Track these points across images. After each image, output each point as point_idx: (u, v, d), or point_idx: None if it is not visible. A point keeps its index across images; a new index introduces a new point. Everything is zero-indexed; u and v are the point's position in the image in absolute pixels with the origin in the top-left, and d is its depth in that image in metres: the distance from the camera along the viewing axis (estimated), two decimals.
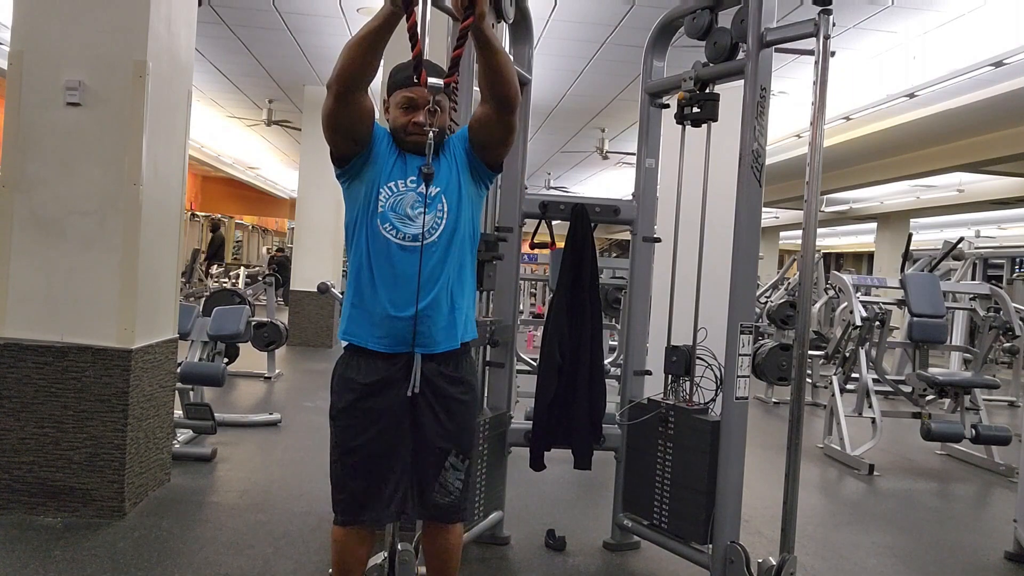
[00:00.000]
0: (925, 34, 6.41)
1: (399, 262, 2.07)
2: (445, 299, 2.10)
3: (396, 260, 2.07)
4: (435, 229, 2.09)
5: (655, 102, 3.42)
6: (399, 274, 2.06)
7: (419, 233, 2.06)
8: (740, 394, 2.85)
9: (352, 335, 2.13)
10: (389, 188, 2.09)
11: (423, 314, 2.06)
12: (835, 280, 7.16)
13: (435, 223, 2.09)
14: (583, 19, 6.52)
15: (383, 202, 2.08)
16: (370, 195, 2.09)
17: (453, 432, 2.16)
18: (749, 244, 2.84)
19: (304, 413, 5.86)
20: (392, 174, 2.10)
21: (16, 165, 3.32)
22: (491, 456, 3.18)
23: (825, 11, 2.58)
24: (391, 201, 2.08)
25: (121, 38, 3.32)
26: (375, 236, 2.08)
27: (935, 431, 5.09)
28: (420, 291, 2.04)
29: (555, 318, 3.25)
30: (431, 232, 2.08)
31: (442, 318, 2.10)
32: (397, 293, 2.06)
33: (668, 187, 3.42)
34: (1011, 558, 3.59)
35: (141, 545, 3.09)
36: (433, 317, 2.08)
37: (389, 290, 2.07)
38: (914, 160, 10.60)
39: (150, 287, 3.52)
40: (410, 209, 2.08)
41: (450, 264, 2.11)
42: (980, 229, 16.64)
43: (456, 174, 2.14)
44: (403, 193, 2.09)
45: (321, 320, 9.61)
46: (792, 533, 2.69)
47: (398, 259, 2.07)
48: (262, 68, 8.87)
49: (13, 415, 3.30)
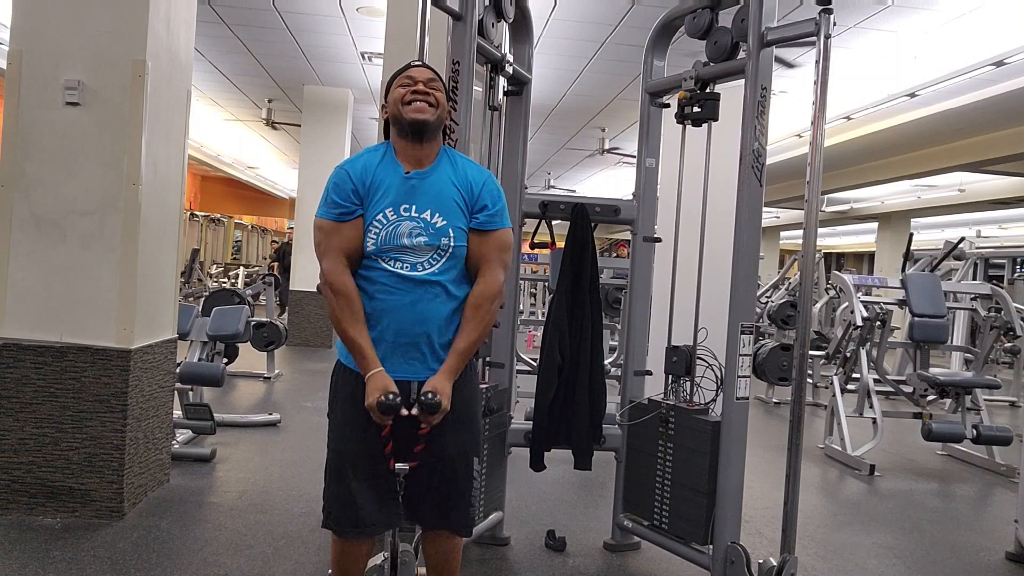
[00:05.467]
0: (925, 34, 6.40)
1: (398, 292, 2.02)
2: (446, 325, 2.05)
3: (395, 290, 2.02)
4: (437, 259, 2.03)
5: (655, 102, 3.41)
6: (398, 304, 2.02)
7: (417, 263, 2.02)
8: (741, 394, 2.85)
9: (351, 361, 2.09)
10: (379, 222, 2.02)
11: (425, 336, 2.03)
12: (836, 280, 7.15)
13: (437, 254, 2.03)
14: (583, 19, 6.51)
15: (372, 238, 2.02)
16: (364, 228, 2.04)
17: (467, 439, 2.15)
18: (749, 244, 2.83)
19: (303, 413, 5.85)
20: (380, 203, 2.03)
21: (15, 165, 3.32)
22: (491, 456, 3.18)
23: (826, 11, 2.57)
24: (382, 234, 2.02)
25: (120, 38, 3.32)
26: (372, 267, 2.04)
27: (936, 431, 5.08)
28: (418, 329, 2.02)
29: (555, 318, 3.24)
30: (433, 261, 2.03)
31: (442, 344, 2.06)
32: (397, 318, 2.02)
33: (668, 187, 3.42)
34: (1012, 558, 3.58)
35: (140, 545, 3.09)
36: (433, 341, 2.04)
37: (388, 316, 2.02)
38: (915, 160, 10.60)
39: (149, 287, 3.51)
40: (406, 240, 2.01)
41: (450, 284, 2.05)
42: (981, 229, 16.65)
43: (458, 196, 2.07)
44: (395, 223, 2.02)
45: (321, 320, 9.60)
46: (793, 533, 2.68)
47: (396, 289, 2.02)
48: (262, 68, 8.87)
49: (12, 415, 3.30)
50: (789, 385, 2.86)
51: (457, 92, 2.76)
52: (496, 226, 2.11)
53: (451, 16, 2.77)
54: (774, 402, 7.39)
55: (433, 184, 2.06)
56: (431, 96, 2.05)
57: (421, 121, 2.03)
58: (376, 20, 6.60)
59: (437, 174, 2.08)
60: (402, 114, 2.05)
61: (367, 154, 2.13)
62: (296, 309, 9.78)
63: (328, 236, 2.05)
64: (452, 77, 2.76)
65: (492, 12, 3.00)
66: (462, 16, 2.77)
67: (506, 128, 3.32)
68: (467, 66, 2.78)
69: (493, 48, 3.00)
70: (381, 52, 6.24)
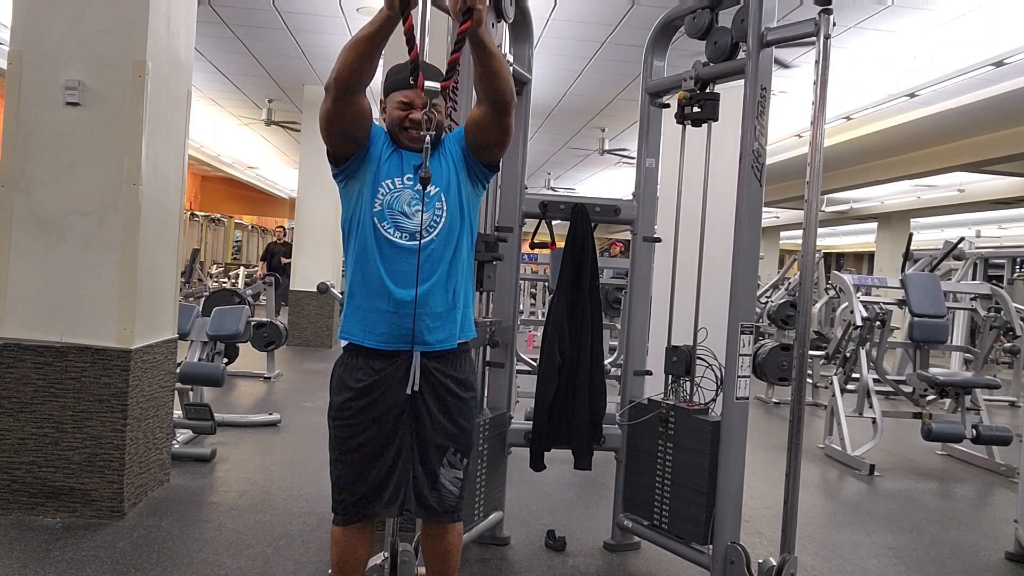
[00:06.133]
0: (925, 34, 6.40)
1: (396, 259, 2.07)
2: (442, 296, 2.10)
3: (393, 257, 2.07)
4: (433, 227, 2.09)
5: (655, 102, 3.41)
6: (396, 271, 2.07)
7: (416, 231, 2.06)
8: (740, 394, 2.85)
9: (351, 334, 2.13)
10: (386, 186, 2.09)
11: (421, 305, 2.05)
12: (836, 280, 7.16)
13: (433, 221, 2.09)
14: (583, 19, 6.51)
15: (380, 200, 2.08)
16: (366, 193, 2.09)
17: (452, 431, 2.16)
18: (749, 244, 2.83)
19: (304, 413, 5.85)
20: (389, 171, 2.10)
21: (16, 165, 3.32)
22: (491, 456, 3.18)
23: (825, 11, 2.57)
24: (388, 199, 2.08)
25: (121, 38, 3.32)
26: (372, 234, 2.08)
27: (936, 431, 5.08)
28: (417, 285, 2.04)
29: (555, 318, 3.24)
30: (429, 230, 2.08)
31: (439, 314, 2.10)
32: (395, 286, 2.06)
33: (668, 187, 3.42)
34: (1012, 558, 3.59)
35: (140, 545, 3.09)
36: (430, 311, 2.08)
37: (387, 284, 2.07)
38: (914, 160, 10.60)
39: (149, 287, 3.51)
40: (407, 207, 2.08)
41: (447, 262, 2.11)
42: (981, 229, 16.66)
43: (453, 172, 2.14)
44: (400, 190, 2.09)
45: (321, 320, 9.61)
46: (793, 533, 2.68)
47: (395, 256, 2.07)
48: (262, 68, 8.87)
49: (12, 415, 3.30)
50: (789, 385, 2.86)
51: (457, 92, 2.76)
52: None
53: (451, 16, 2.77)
54: (774, 402, 7.39)
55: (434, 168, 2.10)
56: (430, 122, 2.00)
57: (418, 149, 2.05)
58: None
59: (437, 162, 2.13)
60: (399, 138, 2.13)
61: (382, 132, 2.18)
62: (296, 309, 9.78)
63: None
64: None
65: (492, 12, 3.00)
66: None
67: None
68: (467, 66, 2.77)
69: None
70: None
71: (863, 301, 6.02)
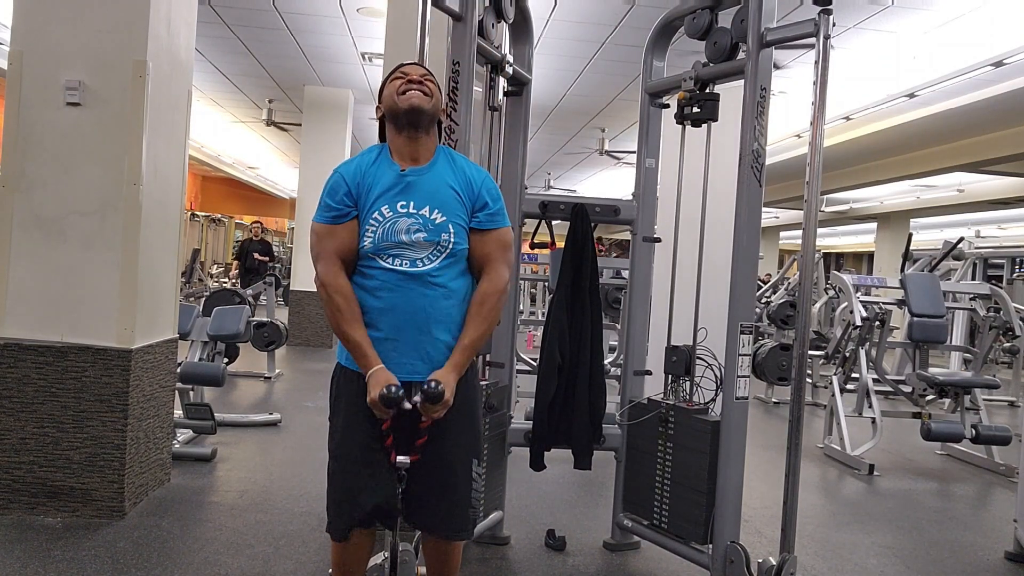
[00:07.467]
0: (925, 34, 6.41)
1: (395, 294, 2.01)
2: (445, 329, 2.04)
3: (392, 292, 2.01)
4: (435, 257, 2.02)
5: (655, 102, 3.41)
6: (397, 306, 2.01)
7: (417, 259, 2.01)
8: (740, 394, 2.85)
9: (351, 362, 2.08)
10: (375, 219, 2.01)
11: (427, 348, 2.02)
12: (835, 280, 7.16)
13: (434, 253, 2.02)
14: (583, 19, 6.52)
15: (373, 232, 2.01)
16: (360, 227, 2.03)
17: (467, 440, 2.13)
18: (749, 244, 2.84)
19: (304, 413, 5.86)
20: (379, 201, 2.02)
21: (16, 165, 3.32)
22: (491, 456, 3.18)
23: (825, 11, 2.58)
24: (380, 231, 2.01)
25: (121, 38, 3.32)
26: (370, 267, 2.03)
27: (935, 431, 5.09)
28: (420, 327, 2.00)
29: (555, 318, 3.24)
30: (432, 259, 2.02)
31: (441, 351, 2.04)
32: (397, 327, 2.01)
33: (668, 187, 3.42)
34: (1011, 558, 3.59)
35: (141, 545, 3.09)
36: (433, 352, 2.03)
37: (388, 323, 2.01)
38: (914, 160, 10.61)
39: (150, 287, 3.51)
40: (404, 236, 2.00)
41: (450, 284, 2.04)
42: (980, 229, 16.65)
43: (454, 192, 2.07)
44: (394, 220, 2.01)
45: (321, 320, 9.61)
46: (792, 533, 2.69)
47: (395, 291, 2.01)
48: (262, 68, 8.87)
49: (13, 415, 3.30)
50: (788, 385, 2.86)
51: (457, 93, 2.76)
52: (497, 224, 2.11)
53: (451, 16, 2.78)
54: (774, 402, 7.40)
55: (430, 181, 2.06)
56: (425, 86, 2.06)
57: (416, 107, 2.03)
58: (376, 20, 6.61)
59: (435, 171, 2.08)
60: (397, 103, 2.05)
61: (361, 156, 2.14)
62: (296, 309, 9.79)
63: (322, 239, 2.05)
64: (452, 78, 2.76)
65: (492, 12, 3.01)
66: (462, 17, 2.78)
67: (506, 128, 3.33)
68: (467, 67, 2.78)
69: (493, 49, 3.01)
70: (381, 53, 6.25)
71: (862, 301, 6.02)
